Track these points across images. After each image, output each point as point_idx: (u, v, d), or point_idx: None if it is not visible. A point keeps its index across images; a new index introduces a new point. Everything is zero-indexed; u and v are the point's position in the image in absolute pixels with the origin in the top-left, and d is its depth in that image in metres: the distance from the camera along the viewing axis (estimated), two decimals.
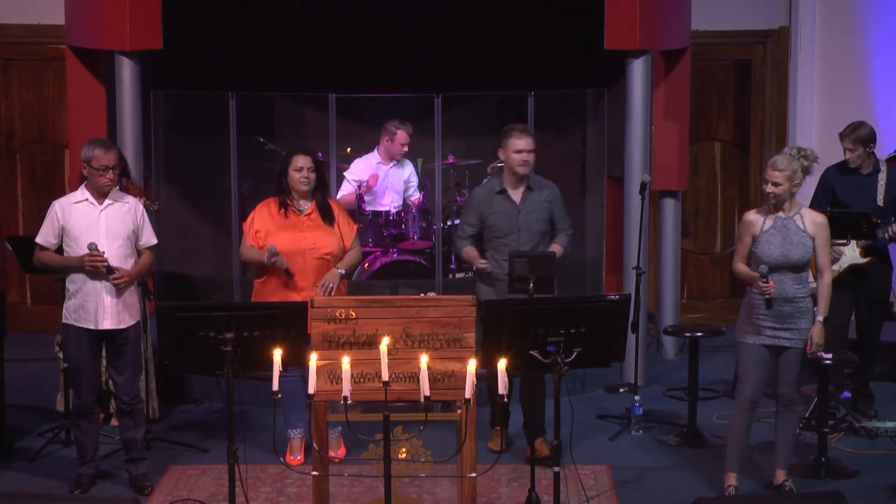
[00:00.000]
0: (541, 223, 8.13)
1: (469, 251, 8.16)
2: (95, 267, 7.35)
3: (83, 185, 7.53)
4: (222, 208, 10.52)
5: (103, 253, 7.36)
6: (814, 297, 7.33)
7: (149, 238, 7.67)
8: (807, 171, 7.28)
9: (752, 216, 7.34)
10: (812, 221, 7.28)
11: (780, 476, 7.47)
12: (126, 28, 9.20)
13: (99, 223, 7.45)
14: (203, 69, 10.77)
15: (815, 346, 7.28)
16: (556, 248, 8.13)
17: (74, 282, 7.46)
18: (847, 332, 8.90)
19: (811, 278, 7.40)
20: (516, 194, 8.12)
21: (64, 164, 11.03)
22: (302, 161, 7.91)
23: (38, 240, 7.55)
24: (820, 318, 7.27)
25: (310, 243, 7.86)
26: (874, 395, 9.04)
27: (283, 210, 7.92)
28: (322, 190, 8.02)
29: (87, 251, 7.34)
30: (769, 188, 7.23)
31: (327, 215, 7.94)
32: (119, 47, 9.30)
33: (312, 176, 7.90)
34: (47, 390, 9.20)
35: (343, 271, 7.90)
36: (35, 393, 9.35)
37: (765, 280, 7.16)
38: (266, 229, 7.91)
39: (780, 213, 7.27)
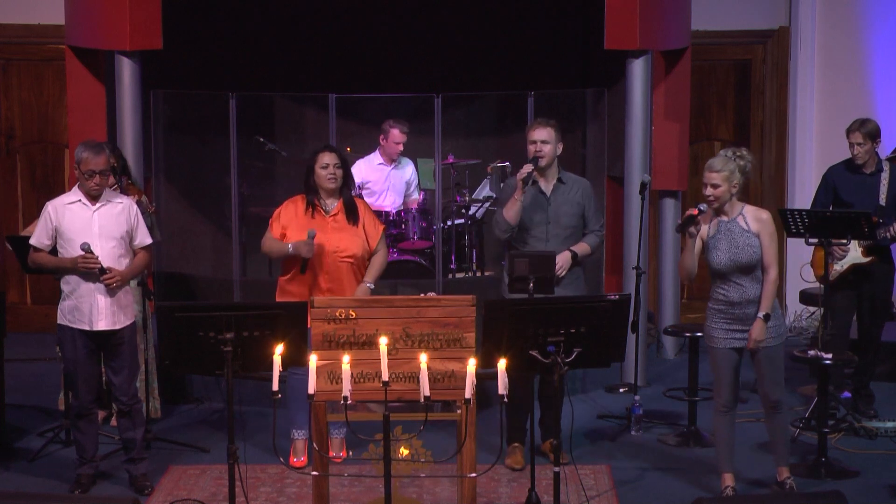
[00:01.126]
0: (571, 217, 8.07)
1: (510, 204, 7.96)
2: (88, 269, 7.34)
3: (76, 186, 7.52)
4: (222, 208, 10.51)
5: (97, 258, 7.35)
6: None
7: (143, 238, 7.65)
8: (744, 171, 7.21)
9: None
10: (756, 219, 7.21)
11: (784, 473, 7.47)
12: (126, 28, 9.20)
13: (92, 224, 7.43)
14: (203, 69, 10.77)
15: (753, 343, 7.19)
16: (583, 246, 8.07)
17: (69, 283, 7.45)
18: (848, 332, 8.90)
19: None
20: (546, 186, 8.08)
21: (64, 164, 11.03)
22: (328, 158, 7.87)
23: (32, 241, 7.54)
24: (761, 314, 7.16)
25: (334, 246, 7.82)
26: (874, 395, 9.04)
27: (309, 209, 7.88)
28: (349, 187, 8.00)
29: (81, 252, 7.33)
30: (708, 191, 7.18)
31: (352, 215, 7.91)
32: (119, 47, 9.30)
33: (339, 172, 7.87)
34: (47, 390, 9.20)
35: (372, 285, 7.90)
36: (35, 393, 9.35)
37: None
38: (290, 227, 7.90)
39: (724, 217, 7.23)
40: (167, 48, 9.37)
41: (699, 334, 8.61)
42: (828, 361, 7.92)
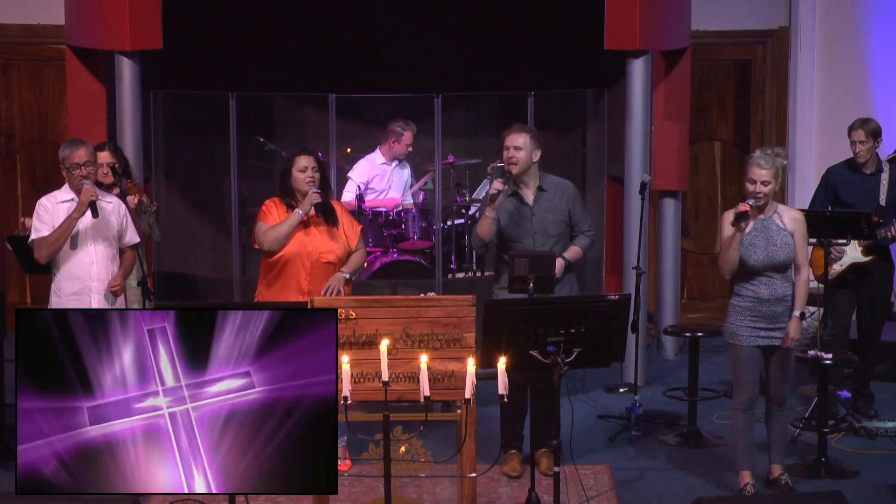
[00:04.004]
0: (557, 225, 7.91)
1: (482, 221, 7.85)
2: (92, 196, 7.29)
3: (66, 185, 7.52)
4: (222, 208, 10.52)
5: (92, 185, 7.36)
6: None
7: (132, 237, 7.65)
8: (784, 169, 7.25)
9: (732, 215, 7.23)
10: (791, 218, 7.25)
11: (777, 470, 7.49)
12: (126, 28, 9.20)
13: (84, 222, 7.42)
14: (203, 69, 10.77)
15: (790, 341, 7.22)
16: (575, 250, 7.93)
17: (59, 285, 7.43)
18: (848, 332, 8.91)
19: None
20: (528, 195, 7.93)
21: None
22: (305, 161, 7.84)
23: (34, 236, 7.49)
24: (796, 313, 7.22)
25: (315, 246, 7.81)
26: (874, 395, 9.05)
27: (288, 212, 7.86)
28: (326, 190, 7.97)
29: (76, 250, 7.35)
30: (758, 188, 7.14)
31: (331, 217, 7.90)
32: (119, 47, 9.30)
33: (317, 176, 7.84)
34: None
35: (348, 275, 7.85)
36: None
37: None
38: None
39: (760, 215, 7.23)
40: (167, 48, 9.37)
41: (699, 334, 8.63)
42: (828, 361, 7.93)
